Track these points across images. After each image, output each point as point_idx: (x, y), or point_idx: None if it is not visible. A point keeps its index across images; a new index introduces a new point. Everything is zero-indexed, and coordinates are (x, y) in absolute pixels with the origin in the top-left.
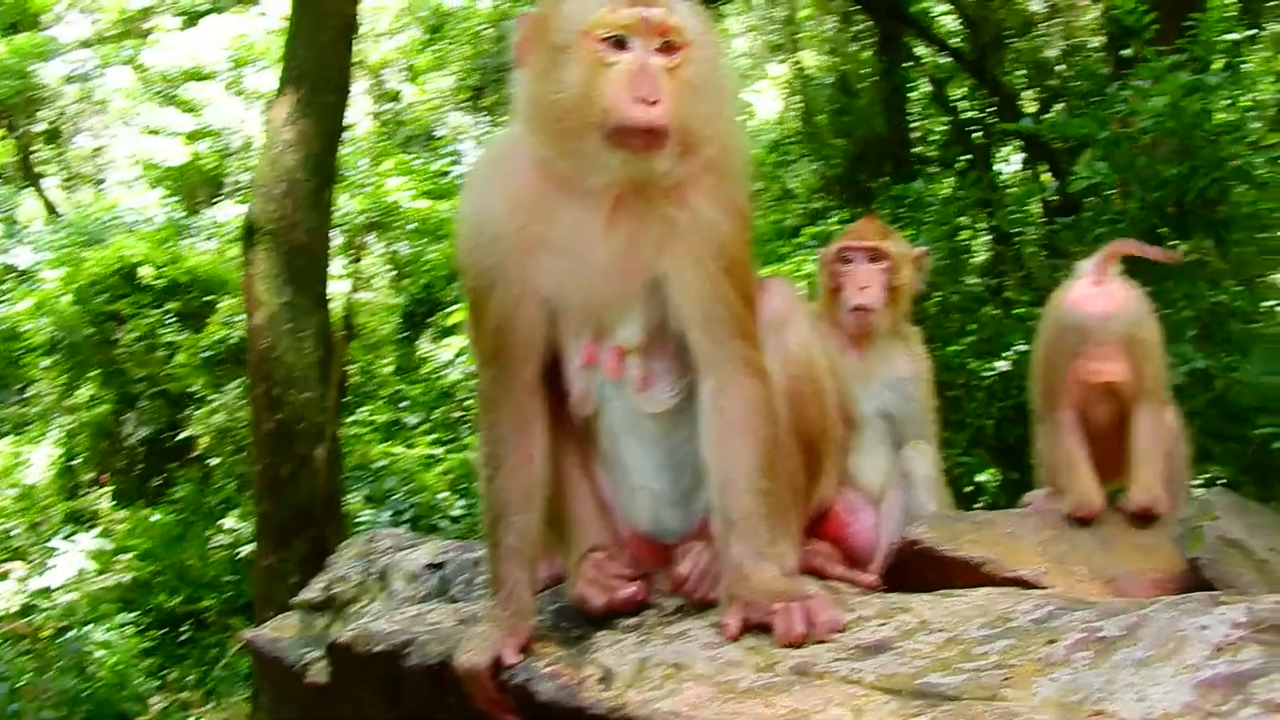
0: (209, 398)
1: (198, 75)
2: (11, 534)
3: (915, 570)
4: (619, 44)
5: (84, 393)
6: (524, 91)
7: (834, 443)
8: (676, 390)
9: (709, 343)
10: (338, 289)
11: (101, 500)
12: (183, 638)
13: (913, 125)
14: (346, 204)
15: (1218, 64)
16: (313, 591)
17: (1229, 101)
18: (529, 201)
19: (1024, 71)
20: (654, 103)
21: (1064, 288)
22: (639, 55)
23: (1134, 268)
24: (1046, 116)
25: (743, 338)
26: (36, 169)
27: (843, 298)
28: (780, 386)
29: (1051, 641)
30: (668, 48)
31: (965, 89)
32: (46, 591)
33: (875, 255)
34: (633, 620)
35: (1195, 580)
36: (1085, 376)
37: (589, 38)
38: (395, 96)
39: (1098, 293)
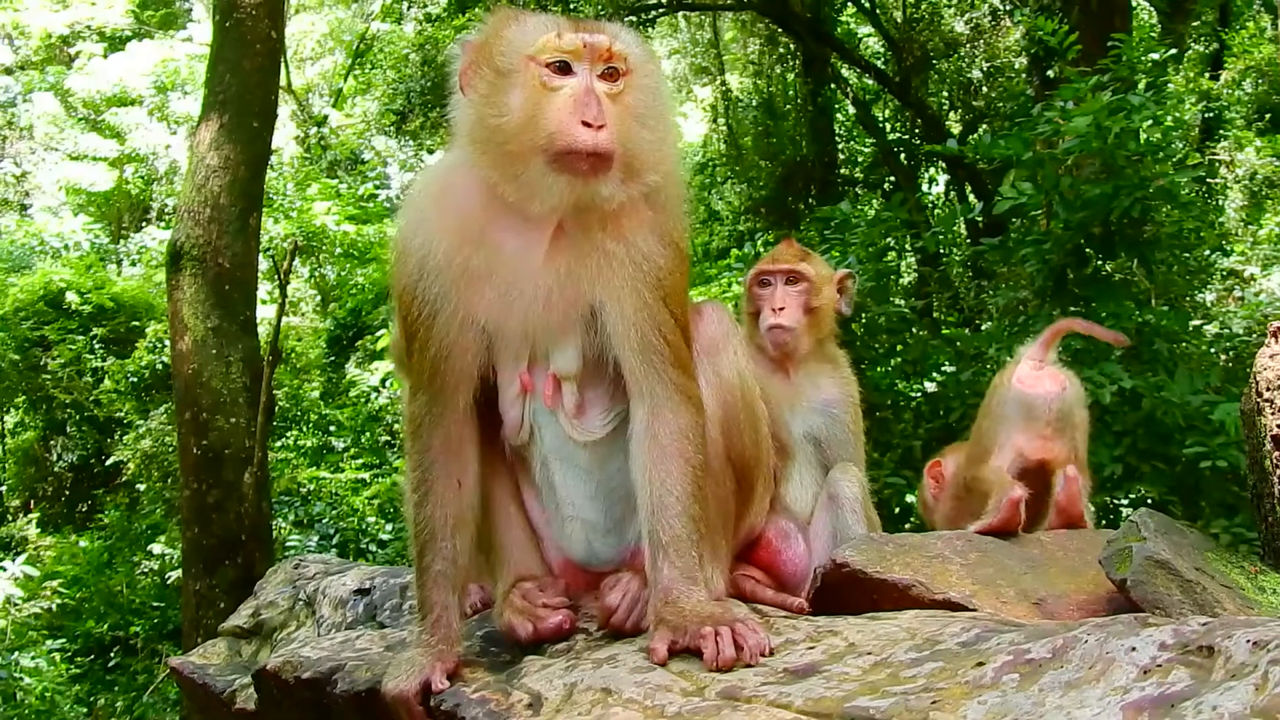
0: (136, 423)
1: (123, 101)
2: None
3: (843, 593)
4: (563, 69)
5: (11, 419)
6: (467, 116)
7: (766, 469)
8: (610, 419)
9: (643, 371)
10: (265, 313)
11: (29, 526)
12: (111, 664)
13: (839, 147)
14: (273, 228)
15: (1142, 84)
16: (240, 617)
17: (1152, 121)
18: (472, 231)
19: (949, 93)
20: (599, 127)
21: (1009, 367)
22: (583, 80)
23: (1061, 289)
24: (972, 137)
25: (677, 366)
26: None
27: (760, 319)
28: (714, 413)
29: (980, 664)
30: (611, 74)
31: (890, 110)
32: None
33: (793, 277)
34: (561, 645)
35: (1123, 601)
36: (1027, 452)
37: (534, 63)
38: (321, 121)
39: (1040, 375)
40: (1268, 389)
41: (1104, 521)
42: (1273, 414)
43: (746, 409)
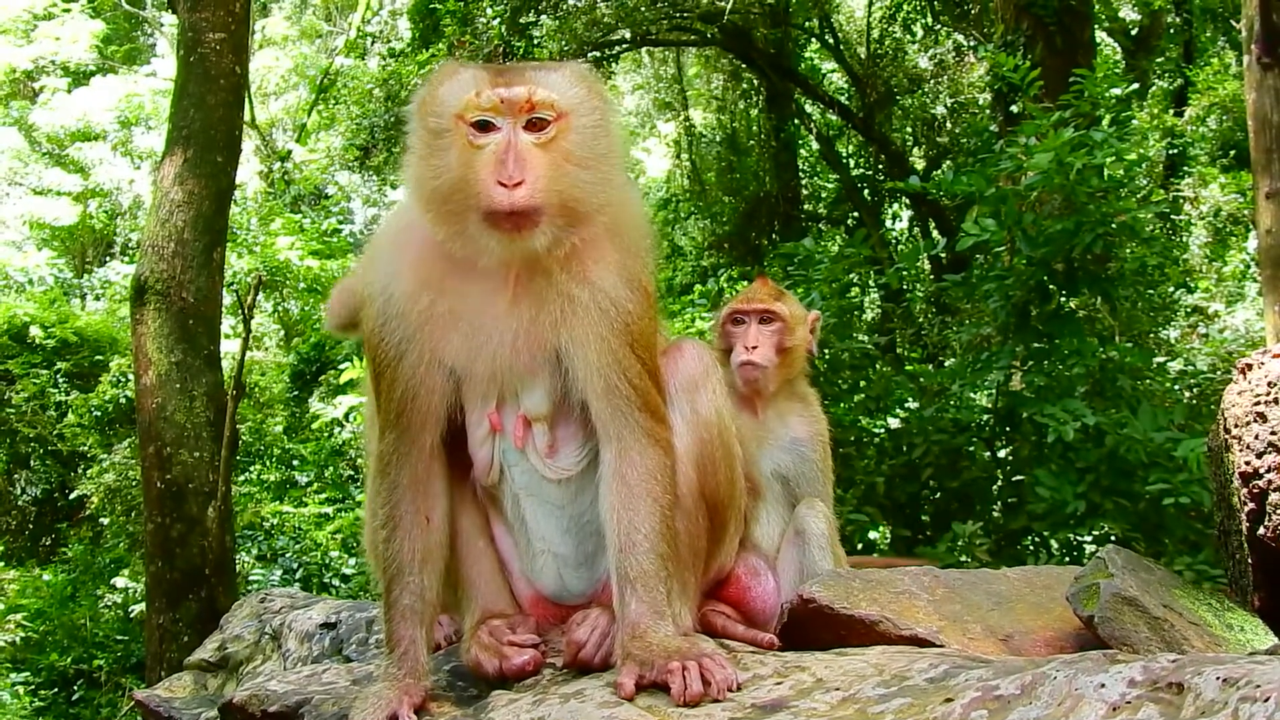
0: (100, 457)
1: (87, 136)
2: None
3: (810, 629)
4: (486, 126)
5: None
6: (411, 175)
7: (739, 508)
8: (583, 456)
9: (610, 414)
10: (229, 348)
11: None
12: (75, 697)
13: (802, 182)
14: (237, 263)
15: (1105, 120)
16: (206, 651)
17: (1115, 157)
18: (433, 279)
19: (912, 129)
20: (517, 184)
21: None
22: (505, 135)
23: (1024, 325)
24: (935, 174)
25: (644, 410)
26: None
27: (732, 356)
28: (690, 449)
29: (948, 700)
30: (537, 124)
31: (854, 146)
32: None
33: (767, 317)
34: (529, 680)
35: (1090, 638)
36: None
37: (461, 121)
38: (285, 156)
39: None
40: (1235, 425)
41: (1067, 558)
42: (1240, 450)
43: (723, 447)
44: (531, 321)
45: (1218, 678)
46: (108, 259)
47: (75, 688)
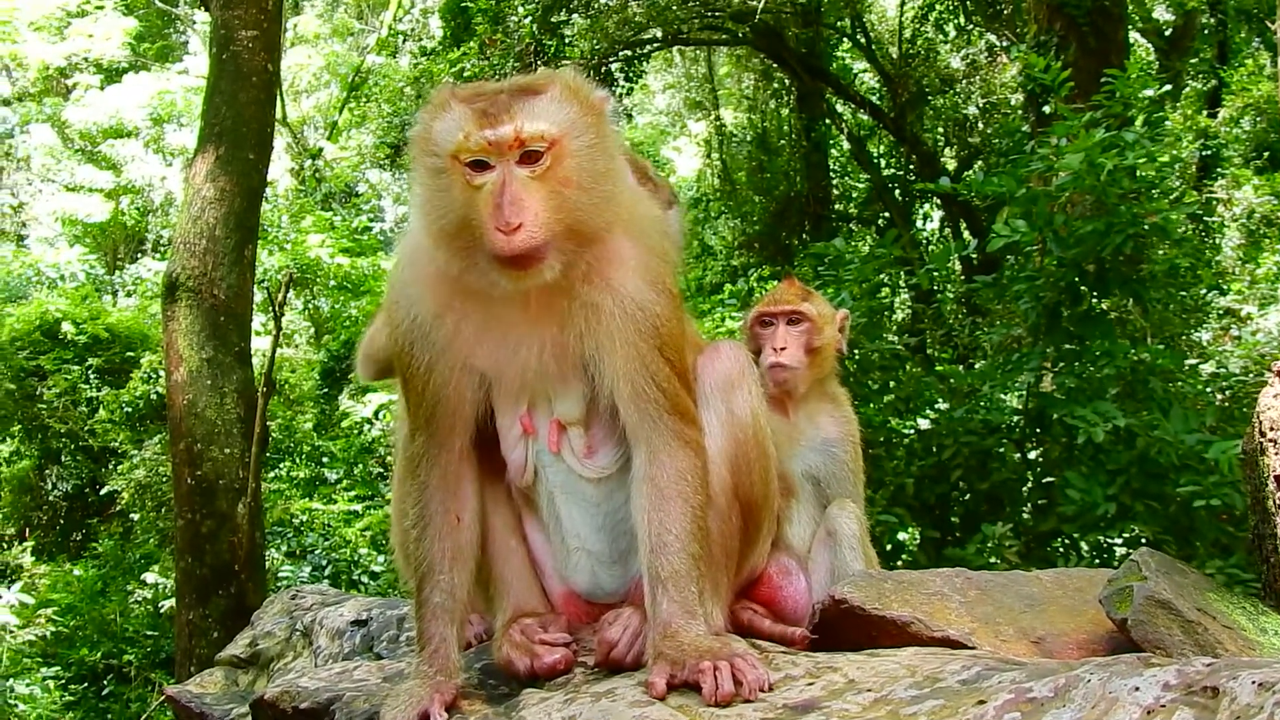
0: (130, 453)
1: (119, 133)
2: None
3: (841, 630)
4: (481, 166)
5: (6, 448)
6: (418, 207)
7: (772, 509)
8: (619, 456)
9: (639, 418)
10: (259, 345)
11: (24, 555)
12: (104, 692)
13: (833, 182)
14: (268, 260)
15: (1138, 120)
16: (237, 647)
17: (1146, 158)
18: (455, 303)
19: (944, 129)
20: (515, 229)
21: None
22: (500, 173)
23: (1055, 327)
24: (966, 174)
25: (674, 413)
26: None
27: (761, 357)
28: (724, 449)
29: (981, 702)
30: (530, 156)
31: (885, 146)
32: None
33: (795, 317)
34: (560, 678)
35: (1123, 641)
36: None
37: (457, 161)
38: (316, 154)
39: None
40: (1271, 429)
41: (1097, 561)
42: (1275, 454)
43: (757, 448)
44: (558, 333)
45: (1254, 682)
46: (139, 256)
47: (105, 682)
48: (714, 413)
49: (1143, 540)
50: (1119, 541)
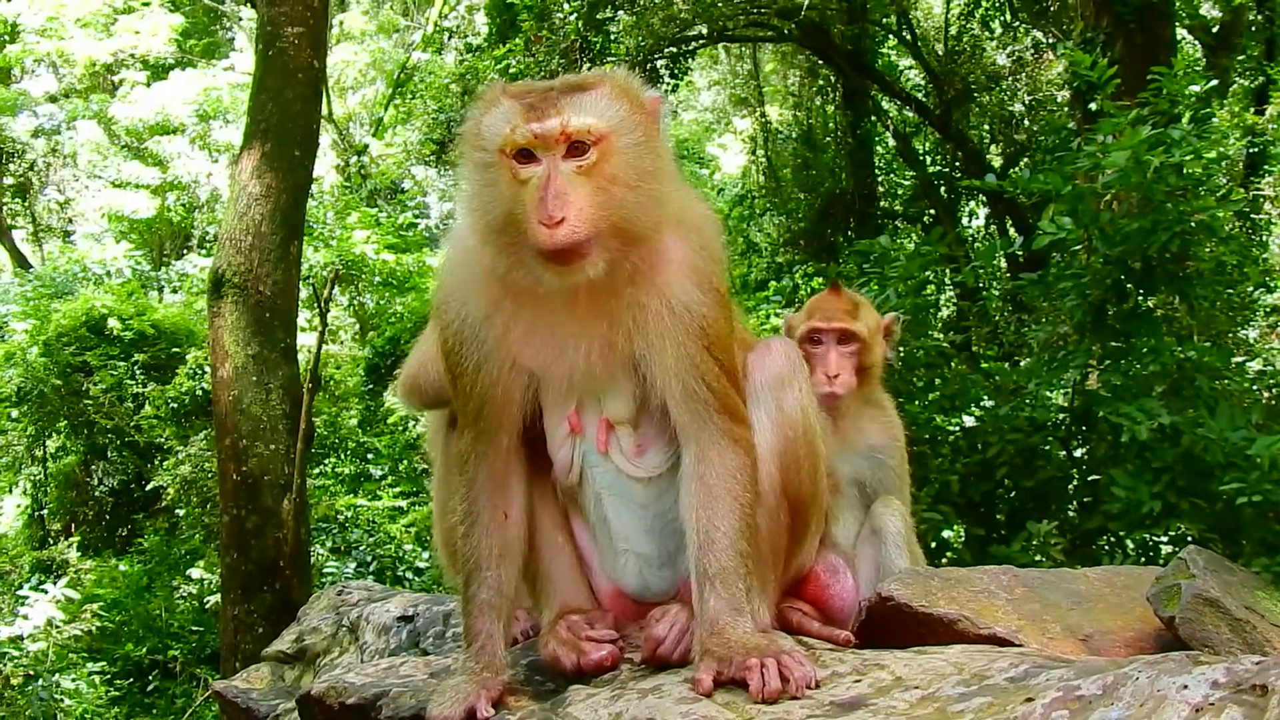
0: (176, 449)
1: (165, 129)
2: None
3: (888, 627)
4: (528, 157)
5: (52, 443)
6: (466, 204)
7: (821, 506)
8: (669, 455)
9: (689, 417)
10: (304, 341)
11: (70, 550)
12: (150, 687)
13: (878, 179)
14: (313, 257)
15: (1185, 117)
16: (284, 643)
17: (1193, 155)
18: (504, 302)
19: (990, 126)
20: (558, 223)
21: None
22: (546, 167)
23: (1100, 324)
24: (1012, 171)
25: (723, 412)
26: (5, 222)
27: (814, 380)
28: (774, 447)
29: (1029, 700)
30: (577, 149)
31: (931, 143)
32: (15, 640)
33: (845, 336)
34: (606, 675)
35: (1171, 639)
36: None
37: (504, 155)
38: (361, 150)
39: None
40: None
41: (1142, 559)
42: None
43: (807, 446)
44: (606, 333)
45: None
46: (185, 252)
47: (150, 678)
48: (764, 410)
49: (1188, 538)
50: (1164, 539)
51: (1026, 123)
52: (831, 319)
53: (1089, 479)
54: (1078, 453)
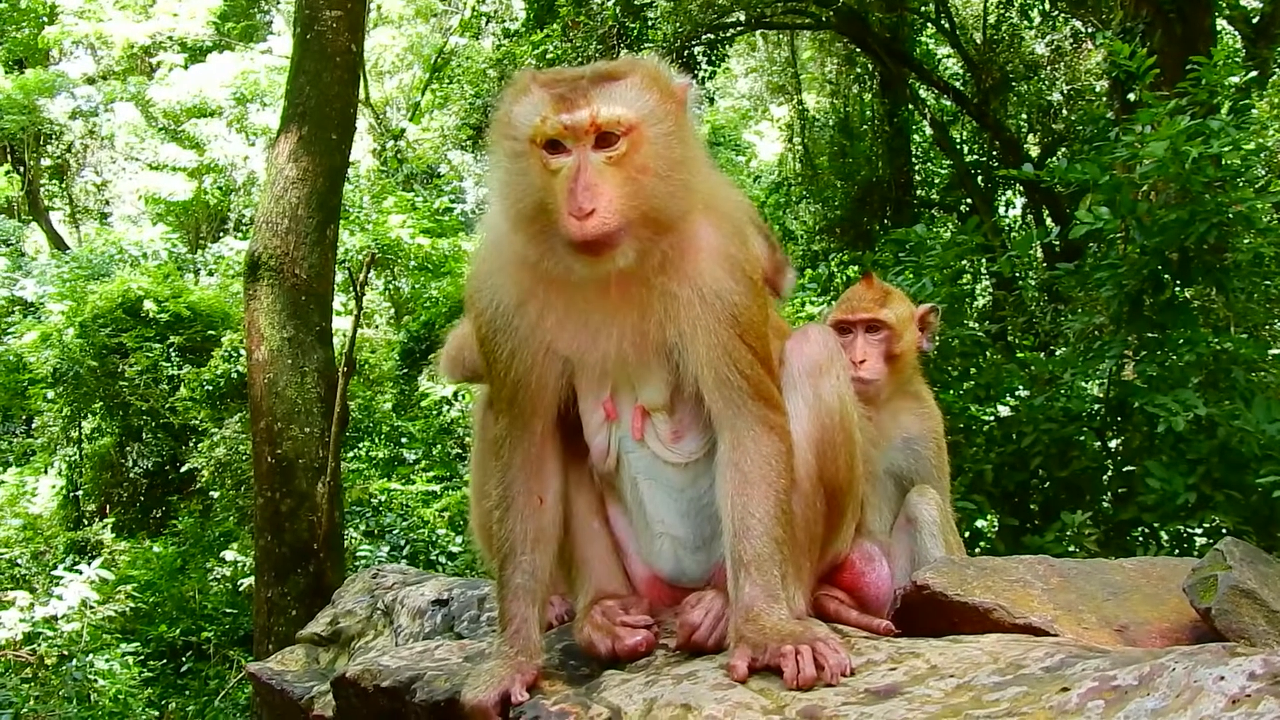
0: (211, 431)
1: (202, 112)
2: (16, 563)
3: (923, 616)
4: (558, 148)
5: (88, 425)
6: (497, 192)
7: (857, 493)
8: (705, 441)
9: (723, 404)
10: (340, 324)
11: (104, 531)
12: (183, 668)
13: (915, 168)
14: (349, 240)
15: (1224, 108)
16: (318, 625)
17: (1232, 146)
18: (537, 290)
19: (1028, 115)
20: (588, 214)
21: None
22: (576, 158)
23: (1137, 315)
24: (1050, 161)
25: (758, 398)
26: (43, 203)
27: None
28: (810, 434)
29: (1064, 690)
30: (606, 140)
31: (968, 132)
32: (50, 620)
33: (873, 325)
34: (641, 660)
35: (1206, 631)
36: None
37: (534, 145)
38: (398, 134)
39: None
40: None
41: (1177, 550)
42: None
43: (844, 433)
44: (638, 321)
45: None
46: (221, 234)
47: (183, 659)
48: (801, 397)
49: (1223, 530)
50: (1199, 531)
51: (1064, 112)
52: (857, 309)
53: (1124, 470)
54: (1113, 443)
